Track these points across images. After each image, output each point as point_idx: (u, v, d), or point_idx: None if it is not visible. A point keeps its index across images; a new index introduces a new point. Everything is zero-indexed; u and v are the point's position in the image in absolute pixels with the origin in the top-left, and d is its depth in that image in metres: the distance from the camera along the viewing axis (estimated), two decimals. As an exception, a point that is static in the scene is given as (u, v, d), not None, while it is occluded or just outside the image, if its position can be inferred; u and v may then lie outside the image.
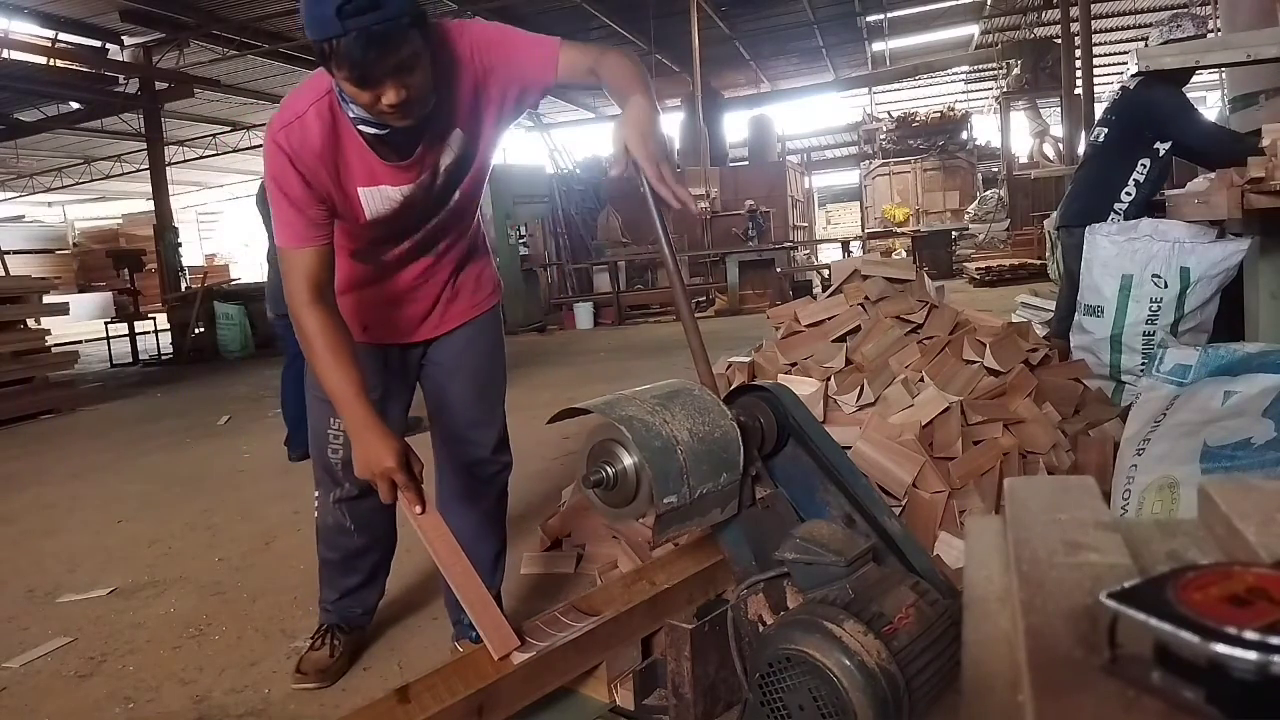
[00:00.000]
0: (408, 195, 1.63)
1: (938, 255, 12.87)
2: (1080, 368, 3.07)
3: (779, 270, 11.44)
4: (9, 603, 2.75)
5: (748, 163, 19.05)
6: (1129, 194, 3.32)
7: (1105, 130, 3.52)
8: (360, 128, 1.52)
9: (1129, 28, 17.26)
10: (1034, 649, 0.46)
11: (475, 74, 1.56)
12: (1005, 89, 16.94)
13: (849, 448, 2.22)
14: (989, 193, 18.77)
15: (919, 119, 21.31)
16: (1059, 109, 13.66)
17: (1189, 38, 3.33)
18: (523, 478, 3.16)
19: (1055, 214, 4.50)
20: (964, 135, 20.91)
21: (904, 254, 12.58)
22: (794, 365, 2.69)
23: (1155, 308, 2.97)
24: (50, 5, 10.32)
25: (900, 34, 17.99)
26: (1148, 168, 3.30)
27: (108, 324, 10.78)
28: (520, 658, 1.39)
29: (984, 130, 21.75)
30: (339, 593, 2.08)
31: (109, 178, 21.15)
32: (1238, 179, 2.47)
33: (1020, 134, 16.26)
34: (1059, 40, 13.52)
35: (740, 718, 1.26)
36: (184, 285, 12.59)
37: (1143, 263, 2.98)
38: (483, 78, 1.57)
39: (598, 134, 20.32)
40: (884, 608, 1.06)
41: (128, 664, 2.24)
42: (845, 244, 13.34)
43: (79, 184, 21.75)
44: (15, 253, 14.09)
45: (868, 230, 18.50)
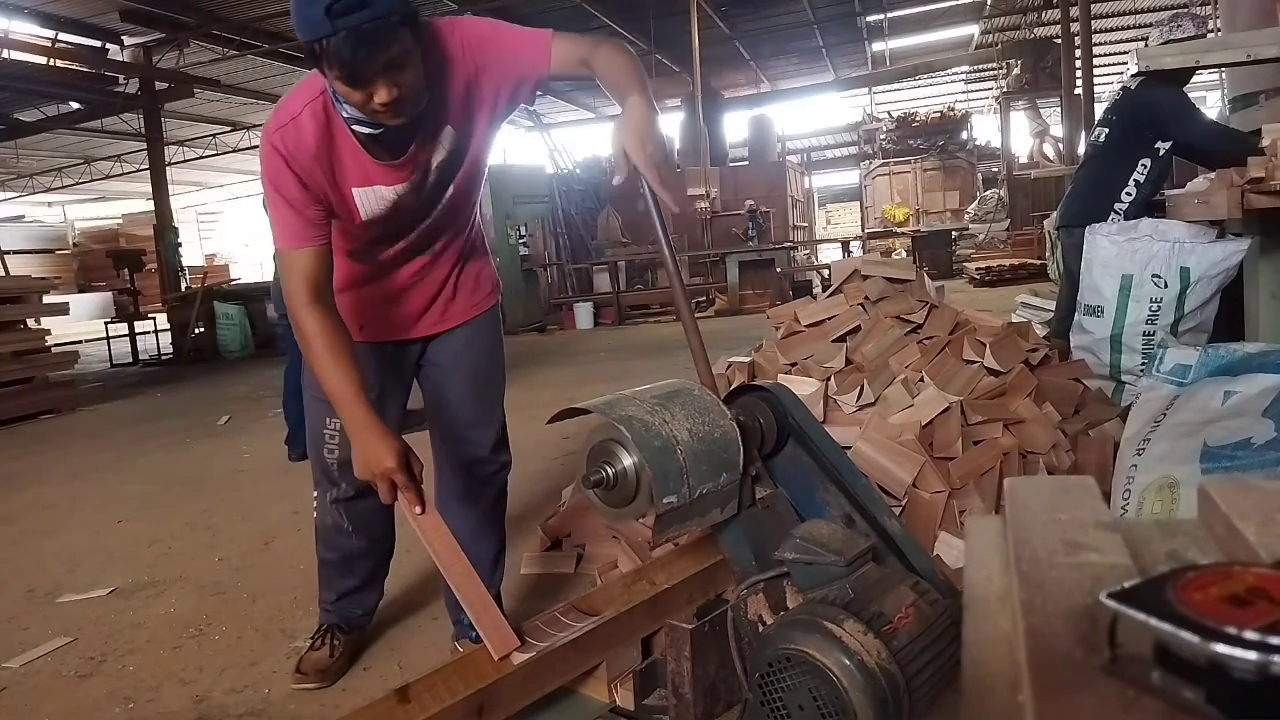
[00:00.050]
0: (401, 194, 1.63)
1: (938, 255, 12.88)
2: (1080, 368, 3.07)
3: (779, 270, 11.44)
4: (9, 603, 2.75)
5: (748, 163, 19.07)
6: (1129, 194, 3.32)
7: (1106, 130, 3.52)
8: (354, 127, 1.53)
9: (1129, 28, 17.27)
10: (1034, 649, 0.46)
11: (467, 71, 1.55)
12: (1005, 89, 16.94)
13: (849, 448, 2.22)
14: (989, 193, 18.77)
15: (919, 119, 21.32)
16: (1059, 109, 13.66)
17: (1189, 38, 3.33)
18: (523, 478, 3.16)
19: (1055, 214, 4.49)
20: (964, 135, 20.92)
21: (904, 254, 12.58)
22: (794, 365, 2.69)
23: (1155, 308, 2.97)
24: (50, 5, 10.33)
25: (900, 34, 18.00)
26: (1148, 168, 3.30)
27: (108, 324, 10.79)
28: (520, 658, 1.39)
29: (984, 130, 21.78)
30: (337, 594, 2.09)
31: (109, 178, 21.16)
32: (1238, 179, 2.47)
33: (1020, 134, 16.27)
34: (1059, 40, 13.53)
35: (740, 718, 1.26)
36: (184, 285, 12.60)
37: (1143, 263, 2.98)
38: (475, 74, 1.56)
39: (598, 134, 20.32)
40: (884, 607, 1.05)
41: (128, 664, 2.24)
42: (845, 244, 13.34)
43: (79, 184, 21.76)
44: (15, 253, 14.10)
45: (868, 230, 18.51)
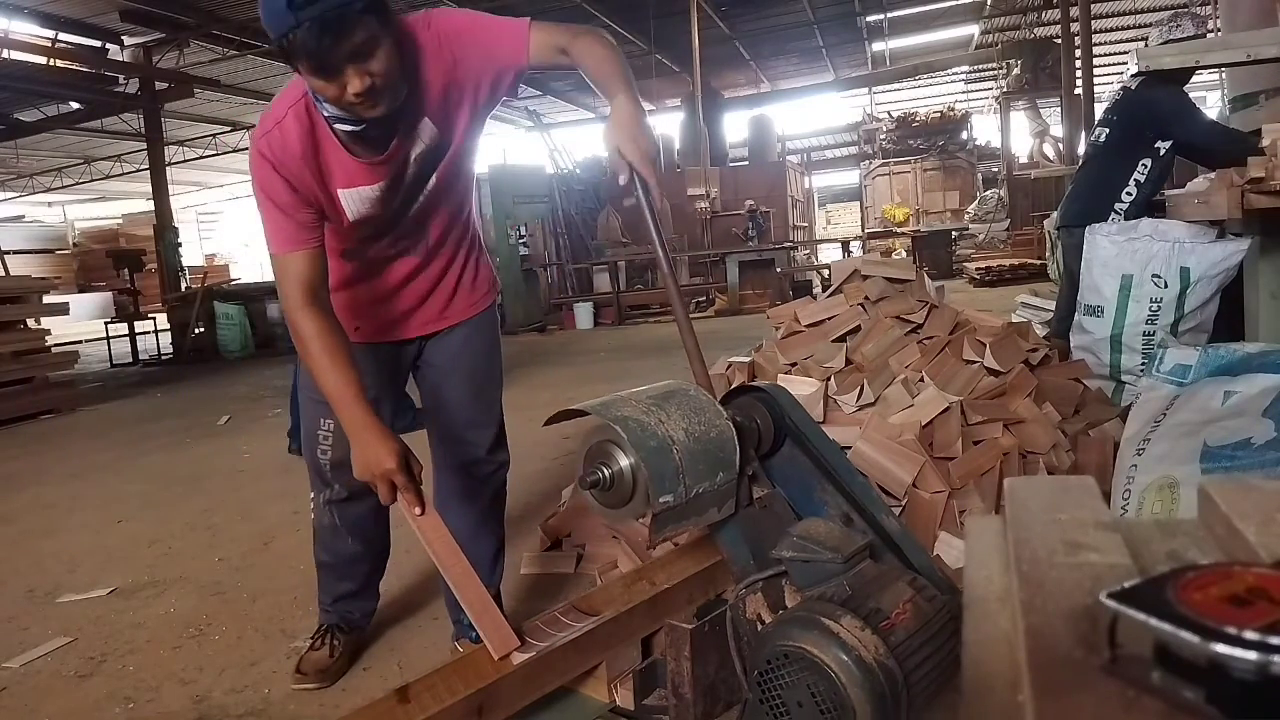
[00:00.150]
0: (382, 191, 1.62)
1: (938, 255, 12.88)
2: (1080, 368, 3.07)
3: (779, 270, 11.44)
4: (9, 603, 2.75)
5: (748, 163, 19.06)
6: (1129, 194, 3.32)
7: (1106, 130, 3.52)
8: (336, 126, 1.52)
9: (1129, 28, 17.27)
10: (1034, 649, 0.46)
11: (444, 63, 1.54)
12: (1005, 89, 16.94)
13: (849, 448, 2.22)
14: (989, 193, 18.77)
15: (919, 119, 21.32)
16: (1059, 109, 13.66)
17: (1188, 37, 3.33)
18: (522, 478, 3.16)
19: (1055, 214, 4.50)
20: (964, 135, 20.93)
21: (904, 254, 12.57)
22: (794, 365, 2.69)
23: (1155, 308, 2.97)
24: (50, 5, 10.33)
25: (900, 34, 18.00)
26: (1148, 168, 3.30)
27: (108, 324, 10.79)
28: (520, 658, 1.38)
29: (984, 130, 21.77)
30: (333, 597, 2.09)
31: (109, 178, 21.17)
32: (1238, 179, 2.47)
33: (1020, 134, 16.27)
34: (1059, 40, 13.53)
35: (740, 717, 1.26)
36: (184, 285, 12.60)
37: (1143, 263, 2.98)
38: (453, 67, 1.55)
39: (598, 134, 20.26)
40: (881, 603, 1.05)
41: (128, 664, 2.24)
42: (845, 244, 13.33)
43: (79, 184, 21.77)
44: (15, 253, 14.10)
45: (868, 230, 18.51)
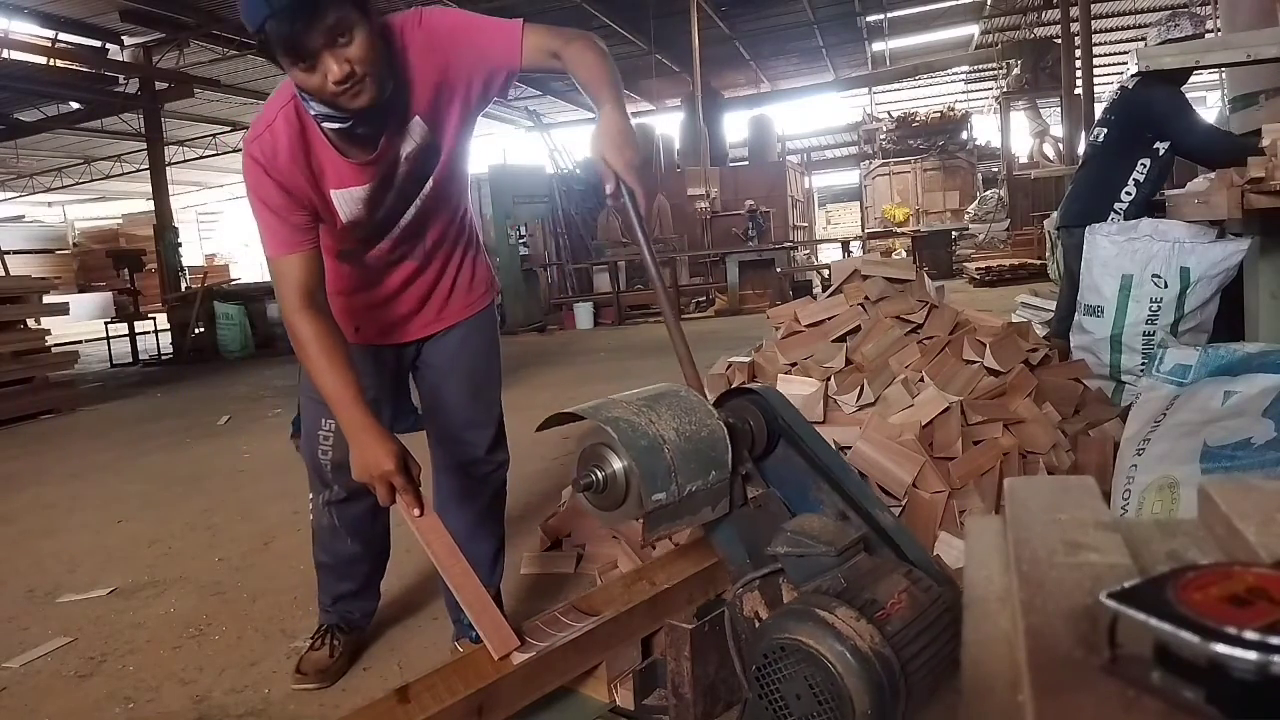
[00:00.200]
0: (373, 191, 1.61)
1: (938, 255, 12.89)
2: (1080, 368, 3.06)
3: (779, 270, 11.44)
4: (9, 603, 2.75)
5: (748, 163, 19.07)
6: (1129, 194, 3.32)
7: (1105, 130, 3.52)
8: (325, 125, 1.51)
9: (1129, 28, 17.28)
10: (1034, 649, 0.46)
11: (436, 61, 1.54)
12: (1005, 89, 16.95)
13: (849, 448, 2.22)
14: (989, 193, 18.77)
15: (919, 119, 21.32)
16: (1059, 109, 13.66)
17: (1186, 37, 3.33)
18: (522, 478, 3.16)
19: (1055, 214, 4.49)
20: (964, 135, 20.94)
21: (904, 254, 12.58)
22: (794, 365, 2.69)
23: (1155, 308, 2.97)
24: (50, 5, 10.33)
25: (900, 34, 18.01)
26: (1147, 168, 3.30)
27: (108, 324, 10.79)
28: (520, 658, 1.39)
29: (984, 130, 21.78)
30: (333, 597, 2.09)
31: (109, 178, 21.17)
32: (1238, 179, 2.47)
33: (1020, 134, 16.27)
34: (1059, 40, 13.53)
35: (741, 717, 1.26)
36: (184, 285, 12.60)
37: (1143, 263, 2.98)
38: (444, 65, 1.54)
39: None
40: (876, 594, 1.06)
41: (128, 664, 2.24)
42: (845, 244, 13.33)
43: (79, 184, 21.77)
44: (15, 253, 14.10)
45: (868, 230, 18.51)
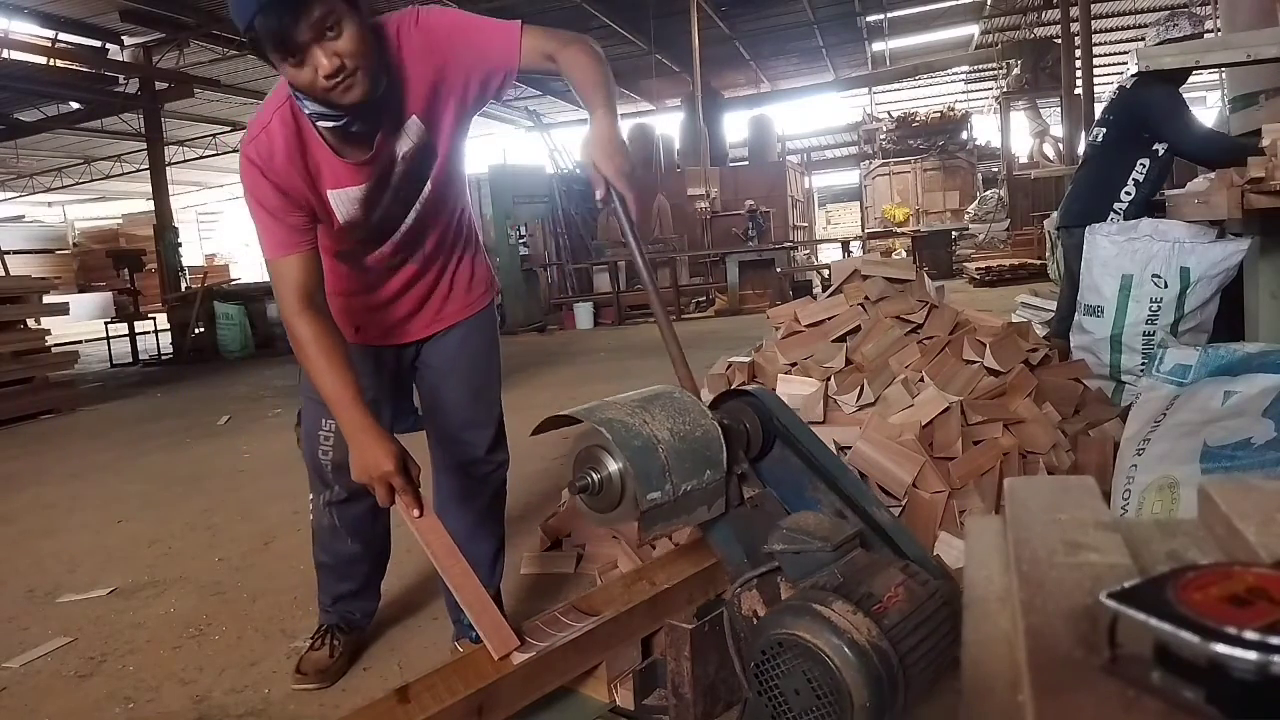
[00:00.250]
0: (369, 191, 1.61)
1: (938, 255, 12.89)
2: (1080, 368, 3.06)
3: (779, 270, 11.44)
4: (9, 603, 2.75)
5: (748, 163, 19.07)
6: (1128, 194, 3.32)
7: (1104, 130, 3.52)
8: (319, 124, 1.51)
9: (1129, 28, 17.28)
10: (1034, 649, 0.46)
11: (432, 60, 1.53)
12: (1005, 89, 16.95)
13: (849, 448, 2.22)
14: (989, 193, 18.77)
15: (919, 119, 21.32)
16: (1059, 109, 13.66)
17: (1185, 37, 3.33)
18: (522, 478, 3.16)
19: (1055, 214, 4.49)
20: (964, 135, 20.93)
21: (904, 254, 12.58)
22: (794, 365, 2.69)
23: (1155, 308, 2.97)
24: (50, 5, 10.33)
25: (900, 34, 18.01)
26: (1147, 167, 3.30)
27: (108, 324, 10.79)
28: (520, 658, 1.38)
29: (984, 130, 21.78)
30: (333, 598, 2.09)
31: (109, 178, 21.16)
32: (1238, 179, 2.47)
33: (1020, 134, 16.27)
34: (1059, 40, 13.53)
35: (741, 716, 1.26)
36: (184, 285, 12.60)
37: (1143, 263, 2.98)
38: (441, 64, 1.54)
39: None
40: (873, 588, 1.06)
41: (128, 664, 2.24)
42: (845, 244, 13.34)
43: (79, 184, 21.76)
44: (15, 253, 14.10)
45: (868, 230, 18.51)
